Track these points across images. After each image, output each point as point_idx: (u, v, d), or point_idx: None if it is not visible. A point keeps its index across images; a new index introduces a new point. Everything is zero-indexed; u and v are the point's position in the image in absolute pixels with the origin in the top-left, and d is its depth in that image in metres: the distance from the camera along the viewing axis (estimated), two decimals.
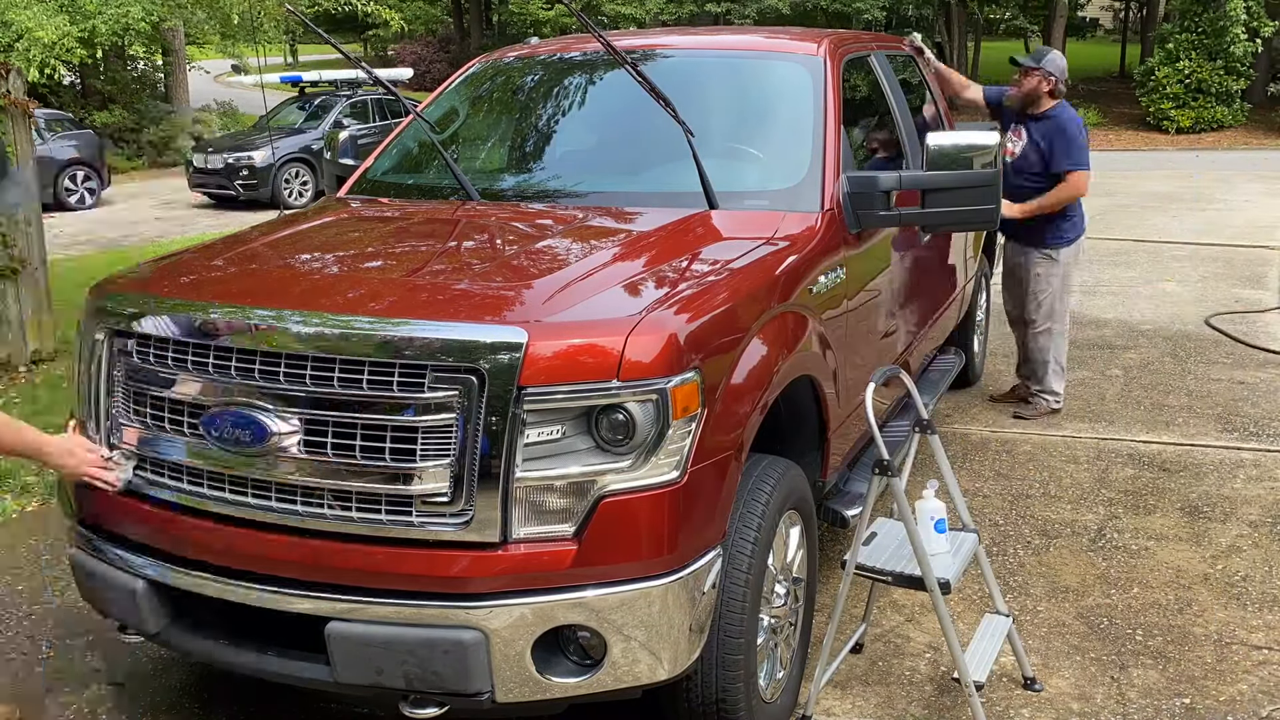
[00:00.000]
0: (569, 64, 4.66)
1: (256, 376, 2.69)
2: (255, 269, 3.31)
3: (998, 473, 5.25)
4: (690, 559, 2.65)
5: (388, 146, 4.53)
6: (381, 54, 44.42)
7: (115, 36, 7.61)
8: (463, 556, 2.55)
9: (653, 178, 3.94)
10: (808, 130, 3.88)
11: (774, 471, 3.06)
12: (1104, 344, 7.54)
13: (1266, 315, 8.31)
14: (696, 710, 2.90)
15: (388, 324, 2.63)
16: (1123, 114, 29.08)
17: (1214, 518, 4.72)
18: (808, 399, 3.43)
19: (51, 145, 16.89)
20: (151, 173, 23.17)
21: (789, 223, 3.51)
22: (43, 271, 7.32)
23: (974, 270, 6.15)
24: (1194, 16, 26.09)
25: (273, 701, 3.43)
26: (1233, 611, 3.93)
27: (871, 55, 4.79)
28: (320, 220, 3.87)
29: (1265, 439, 5.64)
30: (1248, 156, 22.15)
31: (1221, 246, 11.36)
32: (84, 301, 3.20)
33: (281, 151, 17.00)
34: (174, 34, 22.78)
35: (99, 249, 13.34)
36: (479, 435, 2.52)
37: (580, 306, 2.74)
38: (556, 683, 2.60)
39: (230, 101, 29.68)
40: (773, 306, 3.10)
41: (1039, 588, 4.13)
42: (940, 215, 3.77)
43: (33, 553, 4.60)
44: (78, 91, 24.09)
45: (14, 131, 6.96)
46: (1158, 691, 3.45)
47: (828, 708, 3.38)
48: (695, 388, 2.63)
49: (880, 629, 3.84)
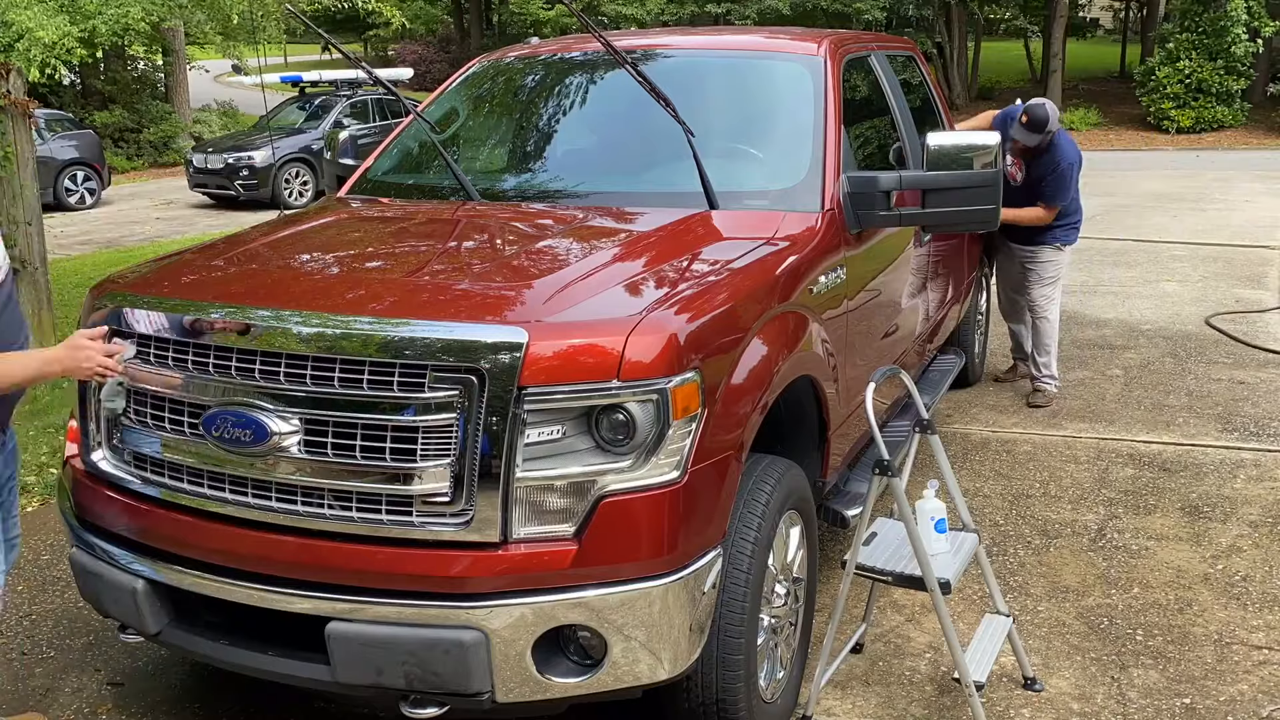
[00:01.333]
0: (569, 64, 4.66)
1: (257, 376, 2.69)
2: (255, 269, 3.31)
3: (998, 473, 5.25)
4: (690, 559, 2.65)
5: (388, 146, 4.54)
6: (382, 54, 44.42)
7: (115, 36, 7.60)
8: (463, 556, 2.55)
9: (653, 178, 3.94)
10: (808, 130, 3.88)
11: (774, 471, 3.06)
12: (1104, 344, 7.54)
13: (1267, 315, 8.31)
14: (696, 710, 2.90)
15: (388, 324, 2.63)
16: (1123, 114, 29.08)
17: (1214, 518, 4.72)
18: (808, 399, 3.44)
19: (51, 145, 16.91)
20: (151, 173, 23.18)
21: (789, 223, 3.51)
22: (43, 271, 7.33)
23: (974, 270, 6.16)
24: (1194, 16, 26.08)
25: (273, 701, 3.43)
26: (1233, 611, 3.93)
27: (872, 55, 4.80)
28: (320, 220, 3.87)
29: (1265, 439, 5.64)
30: (1248, 156, 22.14)
31: (1222, 246, 11.36)
32: (84, 301, 3.20)
33: (281, 151, 17.01)
34: (174, 34, 22.76)
35: (99, 249, 13.34)
36: (479, 435, 2.52)
37: (580, 306, 2.74)
38: (557, 683, 2.60)
39: (230, 101, 29.69)
40: (773, 307, 3.10)
41: (1039, 588, 4.13)
42: (940, 215, 3.78)
43: (33, 552, 4.60)
44: (78, 91, 24.09)
45: (14, 131, 6.96)
46: (1158, 691, 3.45)
47: (828, 708, 3.38)
48: (695, 388, 2.63)
49: (880, 629, 3.84)
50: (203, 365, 2.78)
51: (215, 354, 2.76)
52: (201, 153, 17.68)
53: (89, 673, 3.67)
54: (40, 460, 5.53)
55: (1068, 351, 7.33)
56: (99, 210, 17.41)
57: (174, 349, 2.84)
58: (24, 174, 7.08)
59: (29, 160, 7.16)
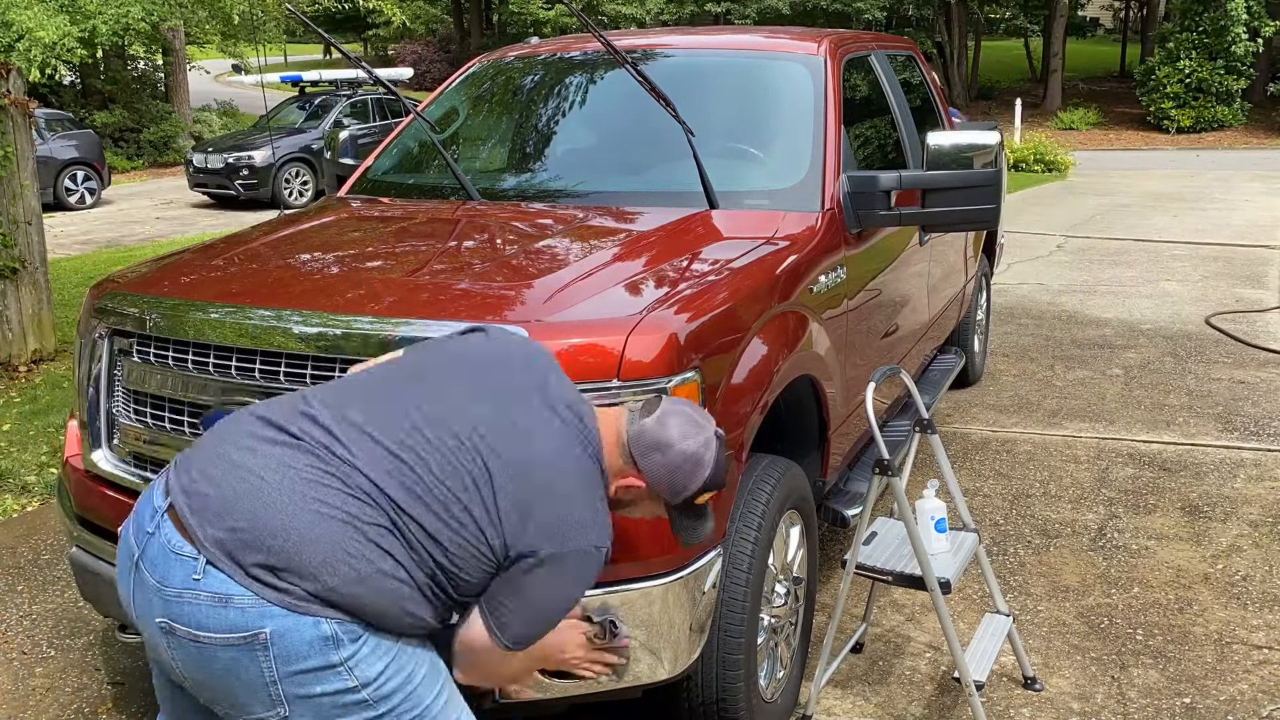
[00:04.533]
0: (569, 64, 4.66)
1: (257, 376, 2.69)
2: (255, 269, 3.31)
3: (998, 472, 5.26)
4: (690, 559, 2.65)
5: (388, 146, 4.53)
6: (382, 54, 44.45)
7: (115, 36, 7.61)
8: None
9: (653, 177, 3.94)
10: (808, 130, 3.88)
11: (774, 471, 3.05)
12: (1104, 343, 7.54)
13: (1267, 315, 8.31)
14: (697, 710, 2.90)
15: (388, 323, 2.63)
16: (1123, 113, 29.11)
17: (1214, 517, 4.72)
18: (808, 399, 3.43)
19: (51, 145, 16.91)
20: (151, 172, 23.19)
21: (789, 222, 3.51)
22: (43, 271, 7.33)
23: (974, 270, 6.16)
24: (1194, 16, 26.11)
25: None
26: (1233, 611, 3.93)
27: (872, 55, 4.79)
28: (321, 220, 3.87)
29: (1265, 438, 5.64)
30: (1248, 156, 22.16)
31: (1222, 246, 11.37)
32: (84, 301, 3.20)
33: (281, 151, 17.01)
34: (174, 34, 22.79)
35: (99, 249, 13.34)
36: None
37: (580, 306, 2.74)
38: (557, 682, 2.60)
39: (230, 101, 29.71)
40: (773, 306, 3.10)
41: (1039, 587, 4.13)
42: (940, 215, 3.77)
43: (33, 552, 4.60)
44: (78, 91, 24.10)
45: (14, 131, 6.96)
46: (1158, 691, 3.45)
47: (828, 707, 3.38)
48: (695, 387, 2.63)
49: (880, 628, 3.84)
50: (203, 365, 2.78)
51: (215, 354, 2.76)
52: (201, 152, 17.68)
53: (89, 673, 3.67)
54: (40, 460, 5.53)
55: (1068, 351, 7.34)
56: (99, 210, 17.41)
57: (174, 348, 2.84)
58: (24, 174, 7.07)
59: (29, 160, 7.16)
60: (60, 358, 7.32)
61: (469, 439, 1.97)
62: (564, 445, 2.05)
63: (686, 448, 2.15)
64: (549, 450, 2.03)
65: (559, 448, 2.04)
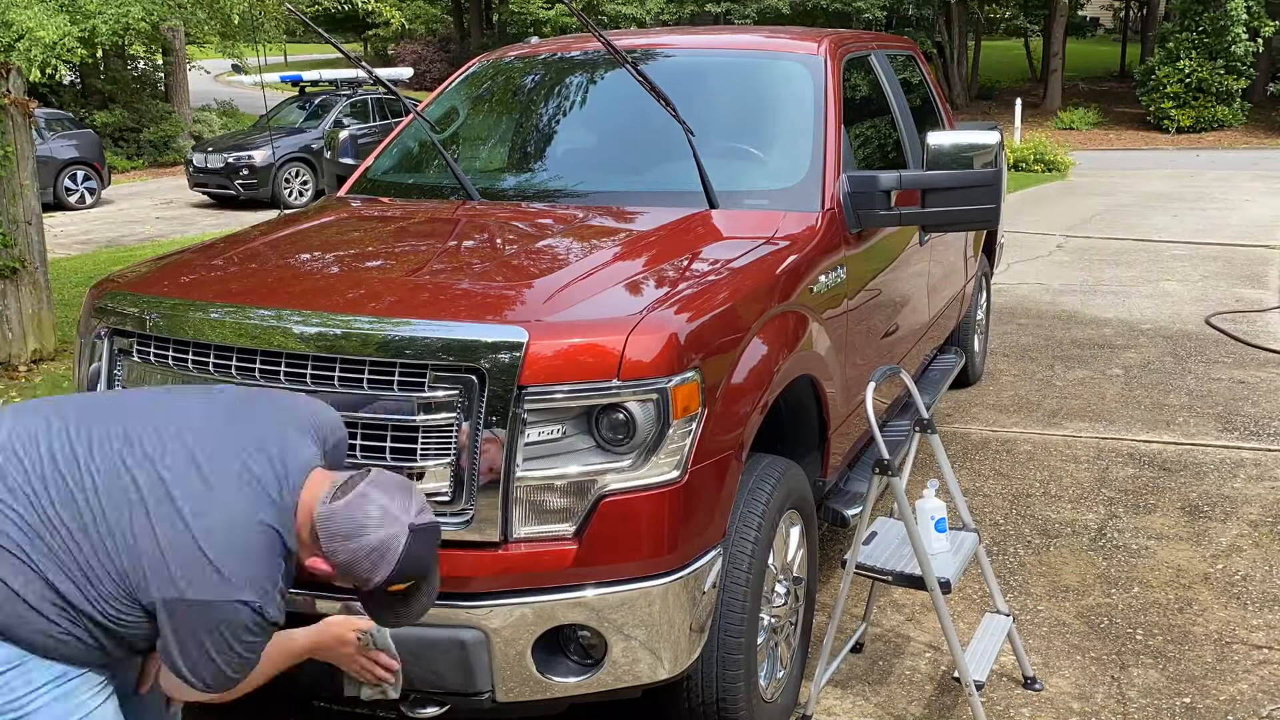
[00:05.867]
0: (569, 63, 4.66)
1: (257, 376, 2.69)
2: (255, 268, 3.31)
3: (998, 472, 5.26)
4: (690, 558, 2.65)
5: (388, 146, 4.53)
6: (381, 54, 44.44)
7: (115, 36, 7.61)
8: (463, 556, 2.54)
9: (653, 177, 3.94)
10: (808, 130, 3.88)
11: (774, 471, 3.06)
12: (1104, 343, 7.54)
13: (1267, 314, 8.31)
14: (697, 710, 2.90)
15: (388, 323, 2.63)
16: (1123, 113, 29.10)
17: (1214, 517, 4.72)
18: (808, 398, 3.43)
19: (51, 145, 16.90)
20: (151, 172, 23.18)
21: (789, 222, 3.51)
22: (43, 271, 7.33)
23: (974, 270, 6.16)
24: (1194, 16, 26.11)
25: (272, 701, 3.42)
26: (1233, 611, 3.93)
27: (872, 55, 4.80)
28: (320, 220, 3.87)
29: (1265, 438, 5.64)
30: (1248, 156, 22.16)
31: (1222, 246, 11.37)
32: (84, 301, 3.20)
33: (281, 151, 17.00)
34: (174, 34, 22.77)
35: (99, 248, 13.34)
36: (479, 435, 2.52)
37: (581, 306, 2.74)
38: (557, 682, 2.60)
39: (230, 101, 29.70)
40: (773, 306, 3.10)
41: (1039, 587, 4.13)
42: (940, 215, 3.77)
43: None
44: (78, 91, 24.08)
45: (14, 131, 6.96)
46: (1158, 691, 3.45)
47: (828, 707, 3.38)
48: (695, 387, 2.63)
49: (880, 628, 3.84)
50: (203, 364, 2.78)
51: (215, 353, 2.76)
52: (201, 152, 17.67)
53: None
54: None
55: (1068, 351, 7.34)
56: (99, 210, 17.40)
57: (174, 348, 2.84)
58: (24, 174, 7.08)
59: (29, 160, 7.16)
60: (60, 357, 7.32)
61: (142, 469, 2.00)
62: (246, 507, 2.00)
63: (370, 540, 2.02)
64: (228, 507, 1.99)
65: (238, 508, 1.99)
